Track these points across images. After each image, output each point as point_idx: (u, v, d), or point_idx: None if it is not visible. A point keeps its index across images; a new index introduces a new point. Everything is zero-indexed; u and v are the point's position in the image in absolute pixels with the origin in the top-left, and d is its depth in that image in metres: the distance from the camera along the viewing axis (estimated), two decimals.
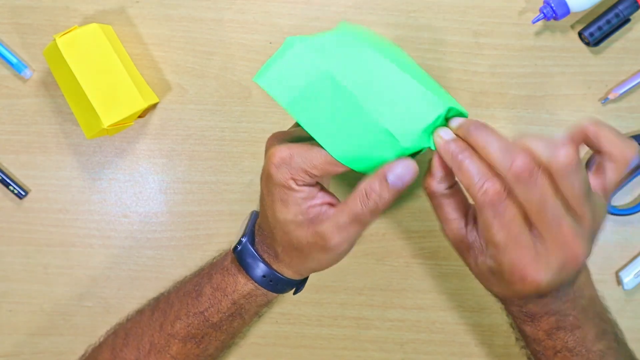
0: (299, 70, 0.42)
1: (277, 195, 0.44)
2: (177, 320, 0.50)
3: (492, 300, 0.61)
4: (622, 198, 0.61)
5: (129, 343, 0.51)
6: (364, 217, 0.43)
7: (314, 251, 0.45)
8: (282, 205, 0.44)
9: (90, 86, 0.55)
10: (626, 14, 0.57)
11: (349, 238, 0.44)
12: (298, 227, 0.45)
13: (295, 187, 0.43)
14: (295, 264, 0.48)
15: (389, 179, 0.41)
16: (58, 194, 0.62)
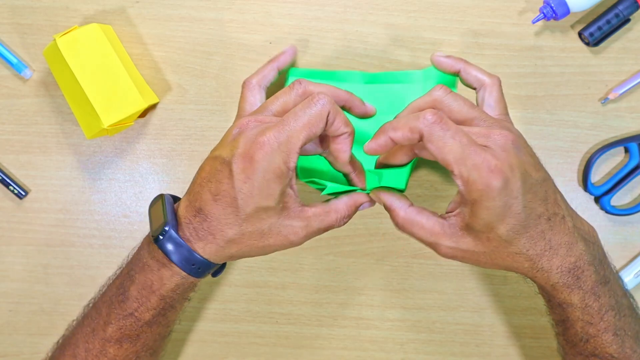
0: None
1: (265, 182, 0.44)
2: (109, 325, 0.50)
3: (492, 300, 0.62)
4: (622, 198, 0.61)
5: (66, 353, 0.51)
6: (329, 229, 0.49)
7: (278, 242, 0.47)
8: (269, 192, 0.44)
9: (90, 86, 0.55)
10: (626, 14, 0.57)
11: (311, 237, 0.48)
12: (277, 215, 0.46)
13: (286, 171, 0.44)
14: (244, 250, 0.47)
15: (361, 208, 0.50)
16: (58, 194, 0.62)
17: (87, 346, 0.50)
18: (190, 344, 0.62)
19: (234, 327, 0.62)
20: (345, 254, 0.62)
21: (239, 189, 0.44)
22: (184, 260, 0.47)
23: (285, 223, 0.46)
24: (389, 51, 0.60)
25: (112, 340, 0.50)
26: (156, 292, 0.48)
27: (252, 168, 0.43)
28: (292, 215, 0.46)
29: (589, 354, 0.48)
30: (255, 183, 0.44)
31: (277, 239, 0.47)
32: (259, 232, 0.46)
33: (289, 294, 0.62)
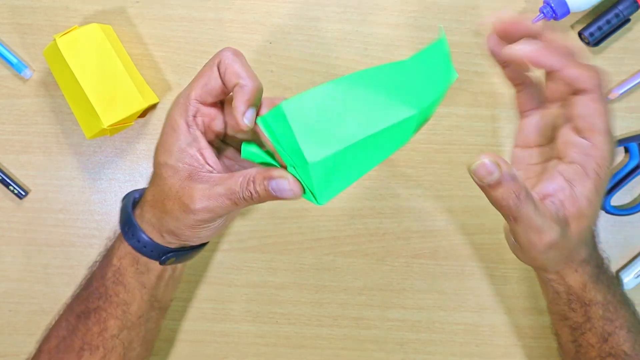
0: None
1: (163, 136, 0.45)
2: (79, 297, 0.51)
3: (492, 300, 0.62)
4: (622, 198, 0.61)
5: (51, 334, 0.51)
6: (237, 200, 0.42)
7: (176, 207, 0.44)
8: (165, 146, 0.45)
9: (90, 86, 0.55)
10: (626, 14, 0.57)
11: (213, 209, 0.43)
12: (174, 174, 0.44)
13: (181, 124, 0.44)
14: (157, 217, 0.46)
15: (270, 184, 0.41)
16: (58, 194, 0.62)
17: (67, 324, 0.51)
18: (190, 344, 0.62)
19: (234, 327, 0.62)
20: (345, 254, 0.62)
21: (155, 148, 0.46)
22: (121, 219, 0.49)
23: (184, 184, 0.43)
24: (389, 51, 0.60)
25: (80, 315, 0.50)
26: (107, 259, 0.50)
27: (162, 126, 0.46)
28: (193, 177, 0.44)
29: (606, 354, 0.47)
30: (160, 139, 0.46)
31: (175, 202, 0.44)
32: (162, 192, 0.45)
33: (289, 294, 0.62)
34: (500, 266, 0.61)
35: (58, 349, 0.50)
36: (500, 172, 0.38)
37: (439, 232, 0.61)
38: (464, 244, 0.61)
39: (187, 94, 0.45)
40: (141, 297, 0.50)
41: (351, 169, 0.41)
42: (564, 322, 0.49)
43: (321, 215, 0.61)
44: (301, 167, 0.40)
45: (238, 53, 0.44)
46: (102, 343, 0.49)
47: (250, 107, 0.43)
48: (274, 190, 0.41)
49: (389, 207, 0.61)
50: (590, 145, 0.41)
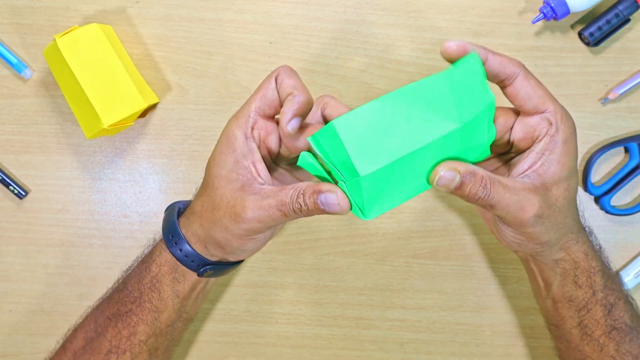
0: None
1: (220, 147, 0.46)
2: (111, 299, 0.51)
3: (492, 300, 0.62)
4: (622, 198, 0.61)
5: (78, 334, 0.52)
6: (287, 211, 0.44)
7: (227, 216, 0.45)
8: (221, 157, 0.46)
9: (90, 86, 0.55)
10: (626, 14, 0.57)
11: (264, 220, 0.44)
12: (227, 184, 0.45)
13: (239, 135, 0.45)
14: (204, 227, 0.47)
15: (319, 198, 0.43)
16: (58, 194, 0.62)
17: (95, 326, 0.51)
18: (190, 344, 0.62)
19: (234, 327, 0.62)
20: (345, 254, 0.62)
21: (208, 160, 0.48)
22: (166, 229, 0.50)
23: (235, 195, 0.45)
24: (389, 51, 0.60)
25: (111, 318, 0.50)
26: (145, 262, 0.50)
27: (218, 139, 0.47)
28: (245, 188, 0.45)
29: (611, 328, 0.48)
30: (215, 151, 0.47)
31: (226, 212, 0.45)
32: (212, 202, 0.46)
33: (289, 294, 0.62)
34: (500, 266, 0.61)
35: (84, 349, 0.51)
36: (459, 175, 0.42)
37: (439, 232, 0.61)
38: (464, 244, 0.61)
39: (247, 106, 0.46)
40: (173, 306, 0.51)
41: (400, 186, 0.43)
42: (569, 305, 0.49)
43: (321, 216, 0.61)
44: (351, 182, 0.42)
45: (294, 70, 0.46)
46: (130, 347, 0.50)
47: (297, 116, 0.44)
48: (322, 203, 0.43)
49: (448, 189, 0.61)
50: (544, 115, 0.45)
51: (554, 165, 0.45)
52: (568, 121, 0.46)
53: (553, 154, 0.45)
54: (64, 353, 0.52)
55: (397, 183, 0.43)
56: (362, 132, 0.41)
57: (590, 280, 0.48)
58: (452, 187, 0.42)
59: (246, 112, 0.46)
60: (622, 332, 0.48)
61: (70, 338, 0.52)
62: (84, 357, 0.50)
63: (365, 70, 0.60)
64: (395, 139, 0.41)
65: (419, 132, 0.41)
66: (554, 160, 0.45)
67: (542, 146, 0.45)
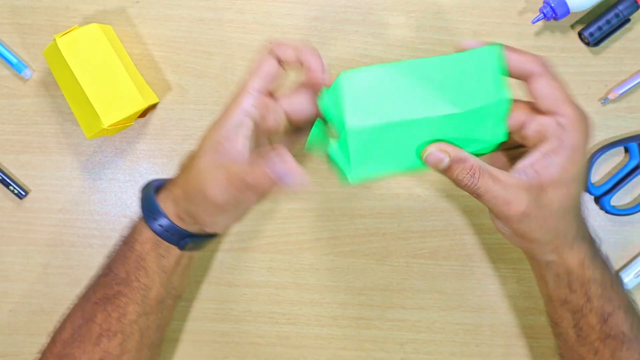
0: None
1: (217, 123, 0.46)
2: (97, 285, 0.51)
3: (492, 300, 0.62)
4: (622, 198, 0.61)
5: (66, 324, 0.52)
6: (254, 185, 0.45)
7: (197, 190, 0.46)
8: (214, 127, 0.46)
9: (90, 86, 0.55)
10: (626, 14, 0.57)
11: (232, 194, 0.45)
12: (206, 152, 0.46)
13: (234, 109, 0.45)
14: (181, 198, 0.48)
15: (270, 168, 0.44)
16: (58, 194, 0.62)
17: (82, 313, 0.51)
18: (190, 343, 0.62)
19: (234, 327, 0.62)
20: (345, 254, 0.62)
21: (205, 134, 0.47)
22: (144, 205, 0.50)
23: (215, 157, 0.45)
24: (389, 51, 0.60)
25: (98, 302, 0.50)
26: (128, 244, 0.50)
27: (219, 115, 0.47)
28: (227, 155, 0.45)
29: (606, 336, 0.48)
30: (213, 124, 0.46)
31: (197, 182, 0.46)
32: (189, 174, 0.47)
33: (289, 294, 0.62)
34: (500, 266, 0.61)
35: (73, 338, 0.50)
36: (449, 157, 0.43)
37: (439, 232, 0.61)
38: (464, 244, 0.61)
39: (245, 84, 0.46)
40: (160, 282, 0.51)
41: (390, 154, 0.43)
42: (564, 307, 0.49)
43: (321, 215, 0.61)
44: (342, 137, 0.42)
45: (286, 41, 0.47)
46: (121, 329, 0.50)
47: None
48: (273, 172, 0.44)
49: (389, 207, 0.61)
50: (559, 118, 0.44)
51: (555, 167, 0.44)
52: (582, 128, 0.44)
53: (557, 157, 0.44)
54: (53, 345, 0.52)
55: (388, 150, 0.43)
56: (365, 90, 0.41)
57: (584, 288, 0.48)
58: (440, 167, 0.44)
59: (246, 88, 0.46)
60: (618, 340, 0.48)
61: (59, 330, 0.52)
62: (73, 345, 0.50)
63: None
64: (394, 105, 0.42)
65: (419, 105, 0.42)
66: (556, 163, 0.44)
67: (548, 147, 0.44)
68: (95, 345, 0.50)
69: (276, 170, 0.44)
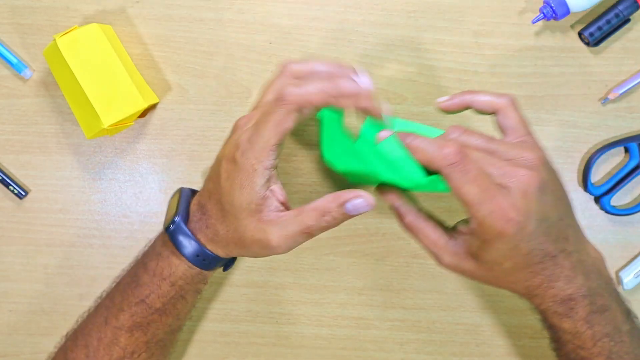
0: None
1: (239, 181, 0.45)
2: (121, 312, 0.51)
3: (492, 300, 0.62)
4: (622, 198, 0.61)
5: (78, 343, 0.52)
6: (313, 232, 0.46)
7: (255, 246, 0.47)
8: (241, 191, 0.45)
9: (90, 86, 0.55)
10: (626, 14, 0.57)
11: (292, 245, 0.47)
12: (249, 216, 0.46)
13: (259, 169, 0.45)
14: (232, 248, 0.49)
15: (346, 208, 0.45)
16: (58, 194, 0.62)
17: (100, 335, 0.51)
18: (190, 344, 0.62)
19: (234, 327, 0.62)
20: (345, 254, 0.62)
21: (222, 186, 0.47)
22: (189, 250, 0.49)
23: (258, 227, 0.46)
24: (389, 51, 0.60)
25: (123, 329, 0.50)
26: (167, 279, 0.50)
27: (233, 168, 0.46)
28: (265, 219, 0.46)
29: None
30: (233, 182, 0.46)
31: (253, 242, 0.47)
32: (237, 232, 0.47)
33: (289, 294, 0.62)
34: None
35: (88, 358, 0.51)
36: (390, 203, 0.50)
37: None
38: None
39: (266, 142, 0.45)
40: (193, 303, 0.53)
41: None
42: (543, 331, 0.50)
43: None
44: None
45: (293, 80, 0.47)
46: (147, 349, 0.51)
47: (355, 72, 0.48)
48: (350, 211, 0.45)
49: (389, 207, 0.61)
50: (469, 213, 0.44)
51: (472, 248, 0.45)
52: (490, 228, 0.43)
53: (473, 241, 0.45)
54: None
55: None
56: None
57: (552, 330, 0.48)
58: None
59: (267, 148, 0.45)
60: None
61: (71, 346, 0.52)
62: None
63: (365, 70, 0.60)
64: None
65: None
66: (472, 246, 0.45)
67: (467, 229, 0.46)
68: None
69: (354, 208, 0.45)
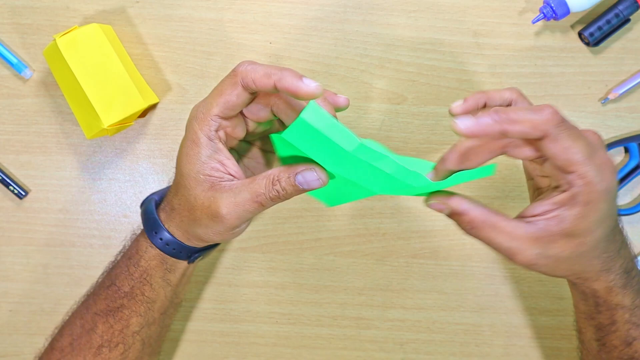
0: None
1: (184, 149, 0.46)
2: (97, 296, 0.51)
3: (492, 300, 0.62)
4: (622, 198, 0.61)
5: (64, 332, 0.52)
6: (264, 201, 0.44)
7: (205, 216, 0.46)
8: (187, 159, 0.46)
9: (90, 86, 0.55)
10: (626, 14, 0.57)
11: (242, 215, 0.45)
12: (197, 185, 0.46)
13: (202, 138, 0.45)
14: (184, 224, 0.48)
15: (297, 179, 0.43)
16: (58, 194, 0.62)
17: (82, 322, 0.51)
18: (190, 344, 0.62)
19: (234, 327, 0.62)
20: (345, 254, 0.62)
21: (178, 157, 0.47)
22: (149, 227, 0.50)
23: (207, 195, 0.45)
24: (389, 51, 0.60)
25: (100, 314, 0.50)
26: (132, 259, 0.50)
27: (184, 137, 0.46)
28: (216, 187, 0.45)
29: (629, 357, 0.48)
30: (181, 150, 0.47)
31: (202, 212, 0.46)
32: (187, 202, 0.47)
33: (289, 294, 0.62)
34: (500, 266, 0.61)
35: (72, 346, 0.51)
36: (449, 208, 0.43)
37: (439, 232, 0.61)
38: (464, 244, 0.61)
39: (208, 110, 0.45)
40: (165, 294, 0.52)
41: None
42: (589, 321, 0.49)
43: (321, 216, 0.61)
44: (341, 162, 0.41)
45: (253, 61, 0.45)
46: (123, 340, 0.51)
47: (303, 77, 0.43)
48: (301, 183, 0.43)
49: (389, 207, 0.61)
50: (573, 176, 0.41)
51: (566, 222, 0.41)
52: (599, 184, 0.41)
53: (569, 211, 0.41)
54: (51, 352, 0.52)
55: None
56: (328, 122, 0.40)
57: (611, 312, 0.47)
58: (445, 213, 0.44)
59: (206, 116, 0.45)
60: None
61: (57, 337, 0.52)
62: (73, 354, 0.51)
63: (365, 70, 0.60)
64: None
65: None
66: (567, 218, 0.41)
67: (559, 199, 0.41)
68: (96, 355, 0.50)
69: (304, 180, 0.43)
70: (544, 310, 0.61)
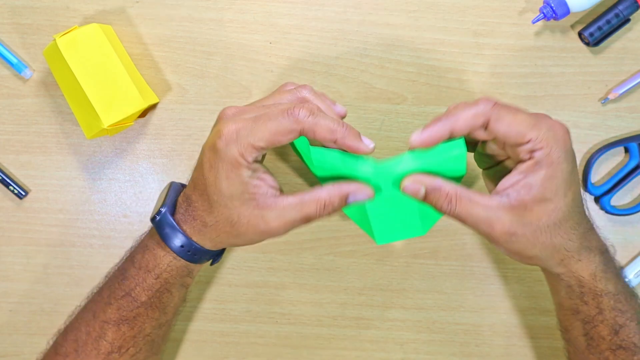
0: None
1: (223, 171, 0.46)
2: (108, 306, 0.51)
3: (492, 300, 0.62)
4: (622, 198, 0.61)
5: (68, 337, 0.52)
6: (313, 219, 0.47)
7: (251, 232, 0.47)
8: (228, 181, 0.46)
9: (90, 86, 0.55)
10: (626, 14, 0.57)
11: (290, 229, 0.47)
12: (242, 204, 0.46)
13: (243, 163, 0.45)
14: (222, 238, 0.49)
15: (349, 200, 0.46)
16: (58, 194, 0.62)
17: (88, 329, 0.51)
18: (190, 344, 0.62)
19: (234, 327, 0.62)
20: (345, 254, 0.62)
21: (206, 177, 0.47)
22: (175, 241, 0.49)
23: (254, 213, 0.46)
24: (389, 51, 0.60)
25: (110, 322, 0.50)
26: (151, 272, 0.50)
27: (215, 157, 0.46)
28: (261, 205, 0.46)
29: (617, 347, 0.48)
30: (217, 172, 0.46)
31: (248, 228, 0.47)
32: (228, 220, 0.47)
33: (289, 294, 0.62)
34: (500, 266, 0.61)
35: (77, 352, 0.51)
36: (424, 187, 0.46)
37: (439, 232, 0.61)
38: (464, 244, 0.61)
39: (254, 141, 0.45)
40: (179, 296, 0.53)
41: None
42: (575, 316, 0.49)
43: None
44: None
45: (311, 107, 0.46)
46: (134, 344, 0.51)
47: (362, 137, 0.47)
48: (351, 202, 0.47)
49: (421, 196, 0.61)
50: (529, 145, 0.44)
51: (535, 187, 0.44)
52: (557, 144, 0.44)
53: (535, 176, 0.44)
54: (55, 357, 0.52)
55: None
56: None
57: (597, 300, 0.48)
58: (418, 196, 0.46)
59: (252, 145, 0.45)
60: (629, 351, 0.48)
61: (60, 341, 0.52)
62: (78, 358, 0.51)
63: (365, 70, 0.60)
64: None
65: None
66: (535, 182, 0.44)
67: (524, 168, 0.45)
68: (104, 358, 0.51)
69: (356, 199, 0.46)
70: (544, 310, 0.61)
